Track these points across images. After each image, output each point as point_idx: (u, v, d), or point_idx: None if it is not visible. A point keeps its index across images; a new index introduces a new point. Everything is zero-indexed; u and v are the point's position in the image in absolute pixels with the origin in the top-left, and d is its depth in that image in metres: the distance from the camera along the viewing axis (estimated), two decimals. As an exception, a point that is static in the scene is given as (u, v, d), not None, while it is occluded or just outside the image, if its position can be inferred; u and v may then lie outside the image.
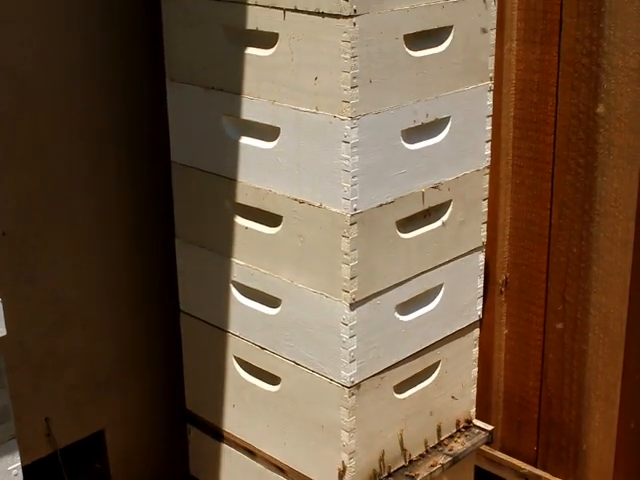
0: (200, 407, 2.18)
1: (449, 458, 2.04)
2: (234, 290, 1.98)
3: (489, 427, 2.15)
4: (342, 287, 1.75)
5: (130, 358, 2.24)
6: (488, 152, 1.97)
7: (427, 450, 2.06)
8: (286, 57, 1.71)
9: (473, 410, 2.16)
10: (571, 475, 2.19)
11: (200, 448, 2.21)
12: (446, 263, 1.95)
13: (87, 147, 2.04)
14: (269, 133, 1.80)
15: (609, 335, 2.05)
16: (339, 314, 1.78)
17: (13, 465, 1.41)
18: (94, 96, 2.03)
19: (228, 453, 2.13)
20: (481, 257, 2.04)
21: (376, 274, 1.79)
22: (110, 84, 2.06)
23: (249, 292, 1.95)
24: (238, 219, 1.92)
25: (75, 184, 2.04)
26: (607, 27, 1.89)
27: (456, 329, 2.03)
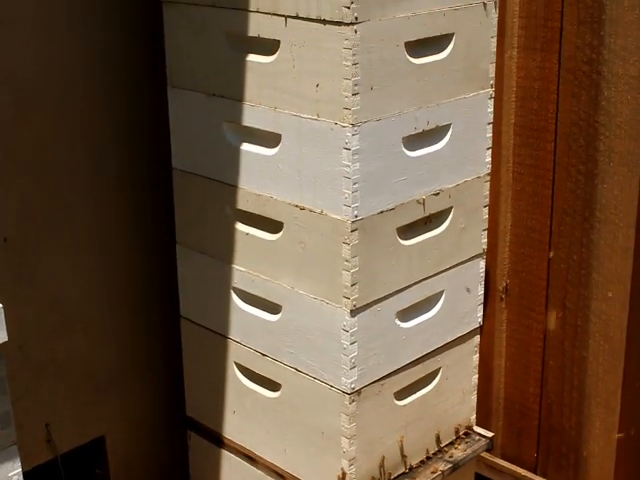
0: (200, 413, 2.18)
1: (449, 465, 2.04)
2: (235, 296, 1.98)
3: (489, 434, 2.15)
4: (343, 294, 1.75)
5: (130, 364, 2.24)
6: (489, 159, 1.98)
7: (427, 457, 2.05)
8: (287, 64, 1.72)
9: (473, 417, 2.16)
10: (571, 482, 2.19)
11: (200, 454, 2.21)
12: (447, 270, 1.95)
13: (88, 152, 2.05)
14: (270, 140, 1.80)
15: (609, 342, 2.05)
16: (340, 321, 1.78)
17: (14, 471, 1.41)
18: (95, 101, 2.04)
19: (228, 459, 2.13)
20: (482, 264, 2.04)
21: (377, 281, 1.79)
22: (111, 90, 2.06)
23: (250, 298, 1.95)
24: (239, 225, 1.92)
25: (76, 189, 2.04)
26: (607, 35, 1.90)
27: (457, 336, 2.03)
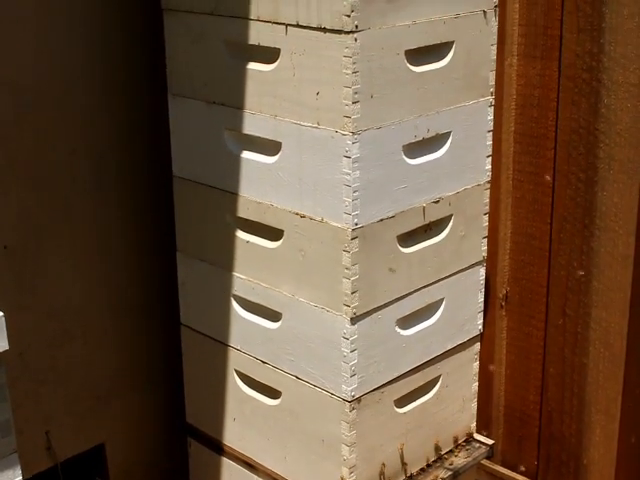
0: (201, 420, 2.18)
1: (449, 472, 2.04)
2: (235, 304, 1.98)
3: (490, 441, 2.15)
4: (343, 301, 1.76)
5: (131, 371, 2.24)
6: (489, 167, 1.98)
7: (428, 464, 2.05)
8: (288, 72, 1.72)
9: (473, 424, 2.17)
10: (572, 489, 2.19)
11: (200, 461, 2.21)
12: (447, 277, 1.95)
13: (88, 159, 2.05)
14: (271, 148, 1.80)
15: (610, 349, 2.05)
16: (340, 328, 1.78)
17: (14, 479, 1.41)
18: (95, 107, 2.04)
19: (228, 467, 2.13)
20: (482, 271, 2.05)
21: (377, 288, 1.79)
22: (111, 96, 2.06)
23: (250, 306, 1.95)
24: (239, 233, 1.92)
25: (76, 197, 2.05)
26: (607, 43, 1.90)
27: (457, 343, 2.04)
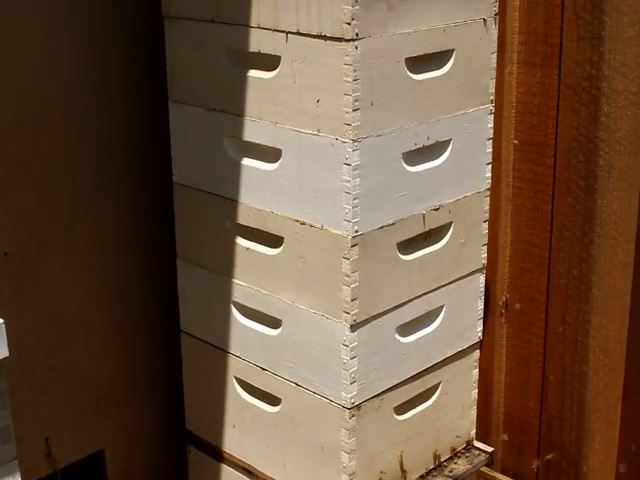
0: (200, 427, 2.18)
1: (449, 480, 2.04)
2: (235, 311, 1.98)
3: (489, 448, 2.15)
4: (343, 308, 1.76)
5: (130, 377, 2.24)
6: (489, 174, 1.98)
7: (427, 472, 2.05)
8: (288, 79, 1.72)
9: (473, 431, 2.16)
10: (571, 497, 2.19)
11: (200, 468, 2.21)
12: (447, 285, 1.95)
13: (88, 166, 2.05)
14: (271, 155, 1.80)
15: (609, 357, 2.05)
16: (340, 335, 1.78)
17: (14, 486, 1.41)
18: (95, 114, 2.04)
19: (228, 474, 2.13)
20: (482, 279, 2.05)
21: (377, 296, 1.79)
22: (112, 103, 2.07)
23: (250, 313, 1.96)
24: (239, 240, 1.92)
25: (76, 202, 2.05)
26: (607, 51, 1.90)
27: (456, 350, 2.04)
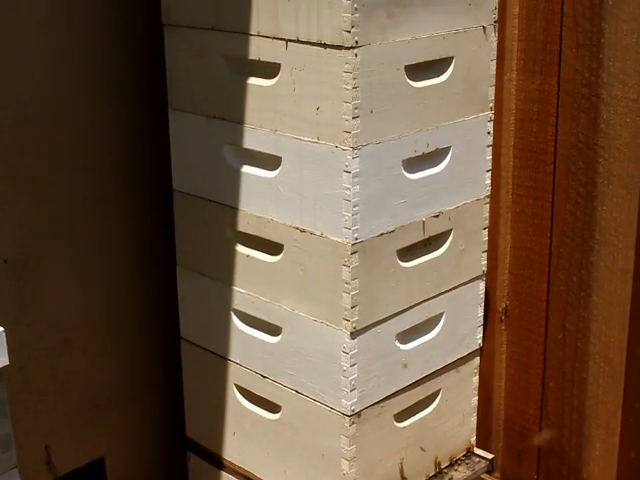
0: (200, 435, 2.18)
1: (449, 487, 2.04)
2: (235, 318, 1.98)
3: (489, 455, 2.15)
4: (343, 316, 1.76)
5: (130, 385, 2.23)
6: (488, 181, 1.99)
7: (428, 479, 2.05)
8: (288, 87, 1.73)
9: (473, 438, 2.16)
10: (572, 504, 2.19)
11: (200, 476, 2.21)
12: (447, 292, 1.96)
13: (89, 174, 2.05)
14: (271, 162, 1.81)
15: (609, 364, 2.05)
16: (340, 343, 1.78)
17: (14, 495, 1.41)
18: (95, 122, 2.05)
19: (228, 481, 2.14)
20: (481, 286, 2.05)
21: (377, 303, 1.80)
22: (112, 111, 2.07)
23: (250, 320, 1.96)
24: (239, 247, 1.93)
25: (77, 210, 2.05)
26: (606, 58, 1.90)
27: (456, 358, 2.04)
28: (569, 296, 2.08)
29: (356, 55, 1.62)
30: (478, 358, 2.11)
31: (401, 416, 1.94)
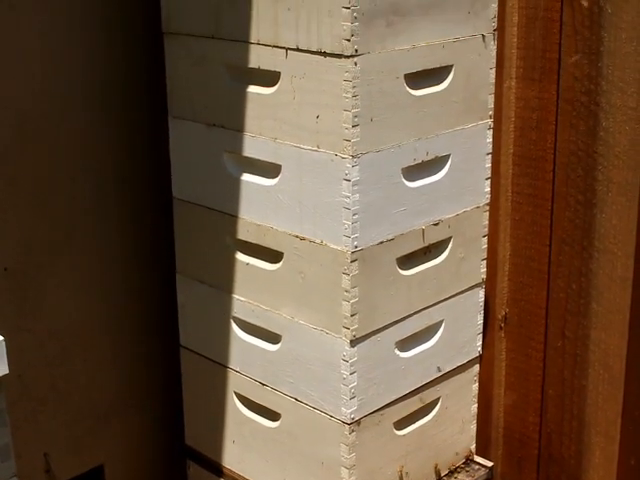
0: (200, 442, 2.18)
1: (449, 495, 2.04)
2: (234, 326, 1.98)
3: (489, 463, 2.15)
4: (342, 324, 1.76)
5: (130, 393, 2.23)
6: (488, 189, 1.99)
7: (427, 487, 2.05)
8: (288, 95, 1.73)
9: (473, 446, 2.16)
10: (571, 512, 2.19)
11: (199, 483, 2.21)
12: (446, 299, 1.96)
13: (89, 182, 2.05)
14: (270, 170, 1.81)
15: (609, 371, 2.05)
16: (340, 350, 1.78)
17: (14, 504, 1.41)
18: (95, 130, 2.05)
19: (227, 489, 2.13)
20: (481, 293, 2.05)
21: (376, 311, 1.80)
22: (112, 119, 2.07)
23: (250, 328, 1.96)
24: (239, 255, 1.93)
25: (77, 219, 2.05)
26: (605, 66, 1.91)
27: (456, 365, 2.04)
28: (568, 304, 2.08)
29: (356, 64, 1.62)
30: (478, 366, 2.11)
31: (401, 424, 1.94)
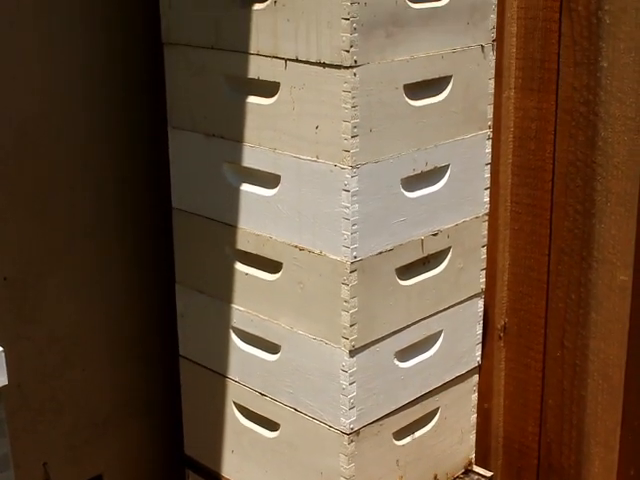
0: (199, 452, 2.18)
1: (448, 505, 2.04)
2: (234, 336, 1.98)
3: (488, 473, 2.15)
4: (342, 334, 1.76)
5: (129, 402, 2.23)
6: (487, 199, 1.99)
7: (426, 497, 2.05)
8: (287, 106, 1.73)
9: (472, 456, 2.16)
10: (571, 522, 2.18)
11: (198, 493, 2.21)
12: (445, 310, 1.96)
13: (88, 191, 2.06)
14: (270, 181, 1.81)
15: (608, 381, 2.05)
16: (339, 361, 1.78)
17: (12, 514, 1.41)
18: (96, 141, 2.05)
19: (226, 499, 2.13)
20: (480, 303, 2.05)
21: (376, 321, 1.80)
22: (112, 130, 2.07)
23: (249, 338, 1.95)
24: (238, 265, 1.93)
25: (76, 227, 2.05)
26: (604, 77, 1.91)
27: (455, 375, 2.03)
28: (567, 313, 2.08)
29: (355, 74, 1.63)
30: (477, 375, 2.11)
31: (400, 434, 1.94)
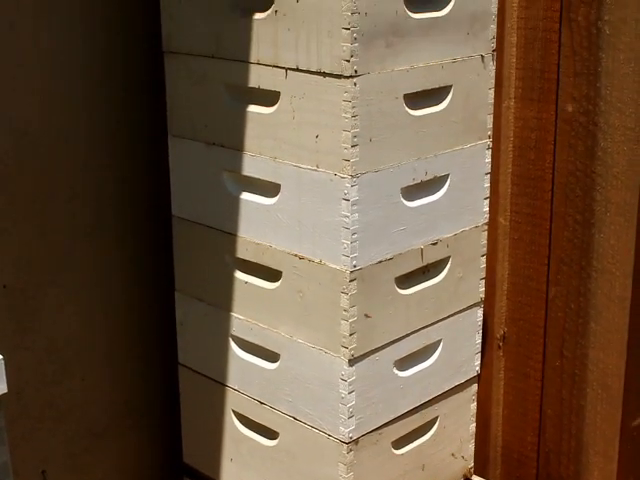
0: (197, 460, 2.17)
1: (447, 514, 2.03)
2: (233, 344, 1.98)
3: (487, 483, 2.15)
4: (341, 343, 1.76)
5: (128, 411, 2.23)
6: (486, 209, 1.99)
7: (425, 506, 2.05)
8: (287, 115, 1.74)
9: (471, 465, 2.16)
10: (570, 532, 2.18)
11: (197, 502, 2.21)
12: (445, 319, 1.96)
13: (88, 200, 2.06)
14: (270, 189, 1.81)
15: (607, 391, 2.05)
16: (338, 370, 1.78)
17: (11, 523, 1.41)
18: (96, 149, 2.05)
19: (225, 507, 2.13)
20: (479, 313, 2.05)
21: (375, 330, 1.80)
22: (112, 137, 2.08)
23: (248, 346, 1.96)
24: (238, 274, 1.93)
25: (76, 236, 2.05)
26: (604, 87, 1.92)
27: (454, 384, 2.04)
28: (567, 323, 2.09)
29: (355, 84, 1.63)
30: (476, 385, 2.11)
31: (399, 443, 1.94)
